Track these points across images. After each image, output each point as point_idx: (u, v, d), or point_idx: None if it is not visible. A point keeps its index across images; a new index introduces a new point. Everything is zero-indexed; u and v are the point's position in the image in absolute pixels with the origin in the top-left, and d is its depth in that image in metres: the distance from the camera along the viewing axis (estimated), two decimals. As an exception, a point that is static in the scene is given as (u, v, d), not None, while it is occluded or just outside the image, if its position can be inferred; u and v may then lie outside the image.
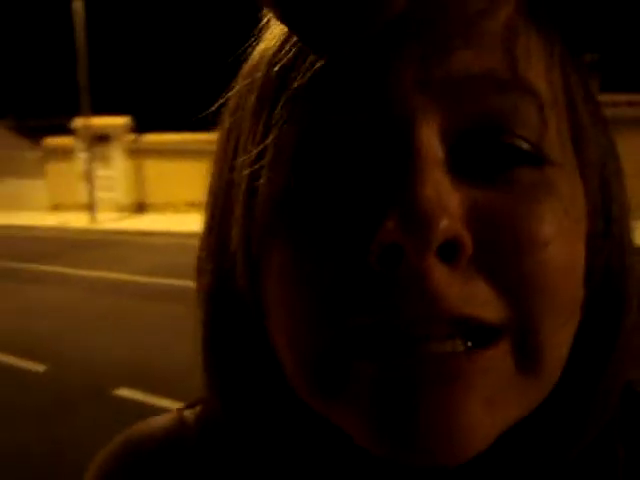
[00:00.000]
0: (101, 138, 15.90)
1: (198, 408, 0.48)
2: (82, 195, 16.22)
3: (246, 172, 0.36)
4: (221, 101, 0.41)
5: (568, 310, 0.34)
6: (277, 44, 0.36)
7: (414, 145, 0.31)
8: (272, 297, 0.35)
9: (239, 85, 0.39)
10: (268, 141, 0.35)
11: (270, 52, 0.36)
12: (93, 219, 14.79)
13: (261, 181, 0.35)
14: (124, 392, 4.26)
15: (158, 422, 0.48)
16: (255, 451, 0.41)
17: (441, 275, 0.29)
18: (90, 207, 14.96)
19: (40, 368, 4.92)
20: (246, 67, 0.39)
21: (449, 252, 0.30)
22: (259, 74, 0.36)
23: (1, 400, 4.33)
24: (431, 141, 0.31)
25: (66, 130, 16.88)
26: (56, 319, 6.40)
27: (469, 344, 0.31)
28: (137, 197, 16.19)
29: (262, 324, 0.38)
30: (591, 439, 0.38)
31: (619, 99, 11.09)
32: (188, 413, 0.48)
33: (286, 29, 0.35)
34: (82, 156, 15.85)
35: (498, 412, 0.32)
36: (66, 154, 17.19)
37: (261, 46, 0.38)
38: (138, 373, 4.54)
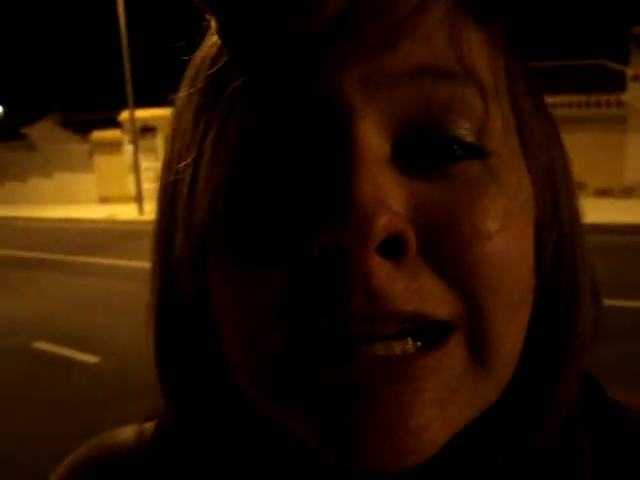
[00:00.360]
0: (147, 130, 16.11)
1: (157, 421, 0.48)
2: (130, 187, 16.50)
3: (188, 173, 0.36)
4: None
5: (519, 300, 0.33)
6: (216, 49, 0.36)
7: (352, 142, 0.30)
8: (218, 301, 0.35)
9: (182, 89, 0.39)
10: (207, 141, 0.34)
11: (210, 56, 0.36)
12: (141, 210, 15.00)
13: (200, 181, 0.35)
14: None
15: (118, 435, 0.49)
16: (209, 460, 0.41)
17: (384, 272, 0.29)
18: (138, 199, 15.18)
19: (93, 359, 5.01)
20: (189, 71, 0.38)
21: (394, 248, 0.29)
22: (200, 77, 0.36)
23: (54, 391, 4.42)
24: (371, 138, 0.31)
25: (113, 123, 17.16)
26: (108, 310, 6.51)
27: (419, 344, 0.31)
28: (183, 188, 16.32)
29: (211, 328, 0.37)
30: (552, 435, 0.38)
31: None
32: (147, 426, 0.48)
33: None
34: (129, 148, 16.09)
35: (449, 414, 0.31)
36: (113, 147, 17.51)
37: (202, 50, 0.38)
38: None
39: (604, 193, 11.15)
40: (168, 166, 0.39)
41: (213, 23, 0.34)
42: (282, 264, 0.31)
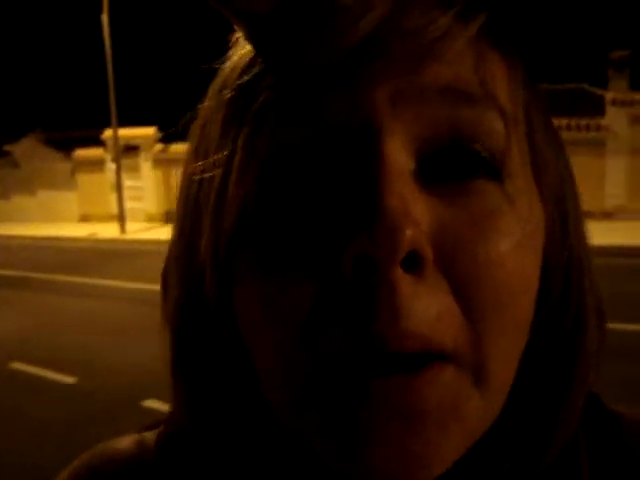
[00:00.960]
0: (130, 149, 16.08)
1: (158, 429, 0.48)
2: (112, 206, 16.42)
3: (217, 180, 0.36)
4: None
5: (520, 328, 0.35)
6: (247, 60, 0.36)
7: (380, 157, 0.31)
8: (243, 307, 0.35)
9: (209, 99, 0.39)
10: (237, 153, 0.35)
11: (240, 67, 0.36)
12: (123, 229, 14.92)
13: (229, 193, 0.35)
14: (153, 403, 4.26)
15: (119, 444, 0.49)
16: (220, 467, 0.41)
17: (406, 286, 0.30)
18: (120, 218, 15.10)
19: (70, 380, 4.95)
20: (216, 82, 0.39)
21: (412, 263, 0.30)
22: (228, 89, 0.37)
23: (32, 412, 4.36)
24: (397, 154, 0.32)
25: (96, 142, 17.11)
26: (87, 330, 6.45)
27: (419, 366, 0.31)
28: (166, 207, 16.30)
29: (232, 335, 0.38)
30: (559, 450, 0.39)
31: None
32: (148, 435, 0.48)
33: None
34: (111, 167, 16.03)
35: (454, 433, 0.32)
36: (96, 165, 17.44)
37: (231, 61, 0.38)
38: (167, 383, 4.52)
39: (585, 216, 11.20)
40: (191, 172, 0.39)
41: (241, 31, 0.35)
42: (309, 276, 0.32)
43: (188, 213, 0.39)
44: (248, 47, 0.37)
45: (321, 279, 0.32)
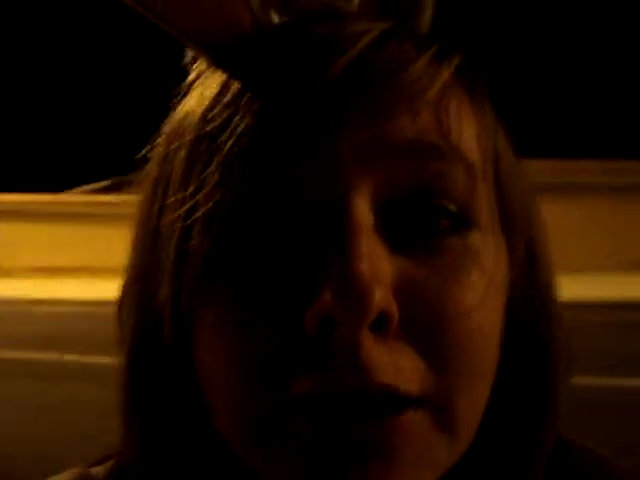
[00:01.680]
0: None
1: (108, 464, 0.46)
2: None
3: (176, 231, 0.36)
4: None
5: (485, 375, 0.35)
6: (208, 102, 0.36)
7: (348, 217, 0.32)
8: (204, 358, 0.35)
9: (166, 137, 0.39)
10: (200, 203, 0.34)
11: (201, 109, 0.36)
12: None
13: (192, 242, 0.34)
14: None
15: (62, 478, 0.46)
16: None
17: (372, 345, 0.30)
18: None
19: None
20: (173, 121, 0.39)
21: (378, 323, 0.31)
22: (190, 130, 0.36)
23: None
24: (365, 212, 0.32)
25: None
26: None
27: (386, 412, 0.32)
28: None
29: (187, 375, 0.37)
30: None
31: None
32: (95, 470, 0.47)
33: (217, 90, 0.35)
34: None
35: (421, 475, 0.33)
36: None
37: (190, 101, 0.38)
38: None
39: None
40: (148, 213, 0.38)
41: (209, 62, 0.35)
42: (273, 329, 0.32)
43: (145, 255, 0.38)
44: (208, 90, 0.36)
45: (285, 333, 0.32)
